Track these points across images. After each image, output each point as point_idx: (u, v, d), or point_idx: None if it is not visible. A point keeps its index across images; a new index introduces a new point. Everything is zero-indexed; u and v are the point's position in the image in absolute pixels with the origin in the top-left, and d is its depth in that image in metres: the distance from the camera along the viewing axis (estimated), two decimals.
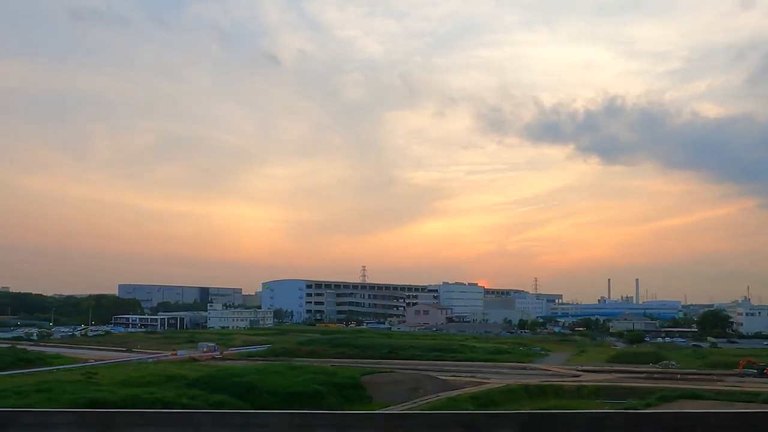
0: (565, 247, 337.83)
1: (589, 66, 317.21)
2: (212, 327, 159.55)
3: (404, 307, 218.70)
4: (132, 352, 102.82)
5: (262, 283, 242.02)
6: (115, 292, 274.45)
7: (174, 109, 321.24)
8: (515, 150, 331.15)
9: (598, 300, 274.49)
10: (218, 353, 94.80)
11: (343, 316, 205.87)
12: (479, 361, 76.57)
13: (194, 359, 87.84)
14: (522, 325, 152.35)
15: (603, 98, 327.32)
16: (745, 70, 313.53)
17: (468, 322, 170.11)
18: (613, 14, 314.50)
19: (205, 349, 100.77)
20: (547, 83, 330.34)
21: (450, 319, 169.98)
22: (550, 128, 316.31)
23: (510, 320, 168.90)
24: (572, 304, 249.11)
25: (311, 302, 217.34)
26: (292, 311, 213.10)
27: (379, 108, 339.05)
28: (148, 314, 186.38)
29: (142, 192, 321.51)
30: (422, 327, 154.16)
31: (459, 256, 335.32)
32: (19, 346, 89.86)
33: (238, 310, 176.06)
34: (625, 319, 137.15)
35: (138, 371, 57.61)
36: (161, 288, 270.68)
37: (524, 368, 69.01)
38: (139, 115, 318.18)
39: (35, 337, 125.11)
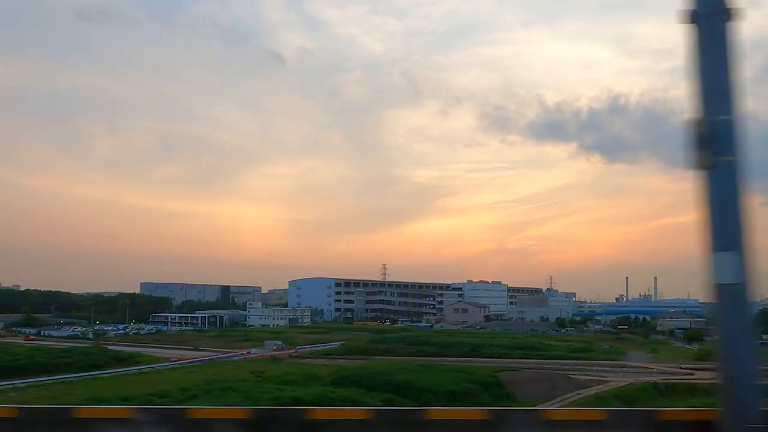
0: (566, 245, 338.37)
1: (592, 64, 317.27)
2: (252, 325, 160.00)
3: (433, 305, 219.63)
4: (200, 350, 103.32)
5: (289, 282, 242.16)
6: (132, 289, 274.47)
7: (174, 108, 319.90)
8: (517, 148, 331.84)
9: (616, 299, 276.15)
10: (294, 352, 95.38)
11: (373, 314, 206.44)
12: (567, 359, 77.10)
13: (275, 358, 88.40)
14: (561, 323, 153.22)
15: (607, 96, 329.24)
16: (749, 69, 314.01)
17: (506, 320, 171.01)
18: (616, 12, 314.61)
19: (274, 348, 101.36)
20: (550, 82, 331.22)
21: (488, 318, 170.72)
22: (554, 126, 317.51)
23: (547, 318, 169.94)
24: (596, 303, 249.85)
25: (340, 300, 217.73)
26: (322, 309, 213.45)
27: (379, 106, 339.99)
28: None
29: (142, 191, 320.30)
30: (462, 325, 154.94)
31: (459, 254, 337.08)
32: (101, 345, 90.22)
33: (277, 308, 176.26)
34: (671, 318, 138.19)
35: (263, 370, 58.26)
36: (184, 286, 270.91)
37: (623, 366, 69.77)
38: (140, 114, 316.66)
39: (90, 336, 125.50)
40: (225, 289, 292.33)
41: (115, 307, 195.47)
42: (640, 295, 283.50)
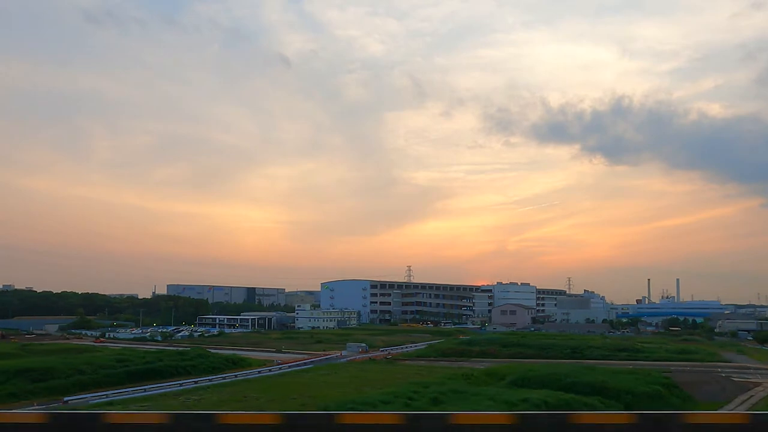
0: (566, 246, 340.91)
1: (594, 66, 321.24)
2: (301, 327, 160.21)
3: (470, 306, 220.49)
4: (283, 352, 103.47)
5: (321, 283, 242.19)
6: (158, 291, 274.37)
7: (175, 109, 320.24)
8: (519, 150, 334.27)
9: (637, 300, 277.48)
10: (388, 354, 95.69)
11: (409, 316, 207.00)
12: (671, 361, 77.77)
13: (373, 360, 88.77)
14: (613, 325, 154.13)
15: (610, 98, 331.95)
16: (754, 71, 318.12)
17: (552, 321, 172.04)
18: (616, 13, 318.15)
19: (360, 350, 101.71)
20: (553, 83, 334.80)
21: (534, 320, 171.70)
22: (557, 128, 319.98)
23: (593, 320, 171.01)
24: (625, 305, 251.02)
25: (376, 302, 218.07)
26: (358, 311, 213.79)
27: (379, 108, 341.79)
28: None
29: (143, 192, 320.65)
30: (512, 327, 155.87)
31: (459, 256, 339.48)
32: (200, 348, 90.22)
33: (326, 310, 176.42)
34: (727, 320, 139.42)
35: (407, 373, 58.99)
36: (212, 288, 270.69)
37: (746, 368, 70.63)
38: (141, 115, 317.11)
39: (159, 338, 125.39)
40: (251, 291, 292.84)
41: (153, 309, 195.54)
42: (663, 297, 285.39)
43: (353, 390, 52.20)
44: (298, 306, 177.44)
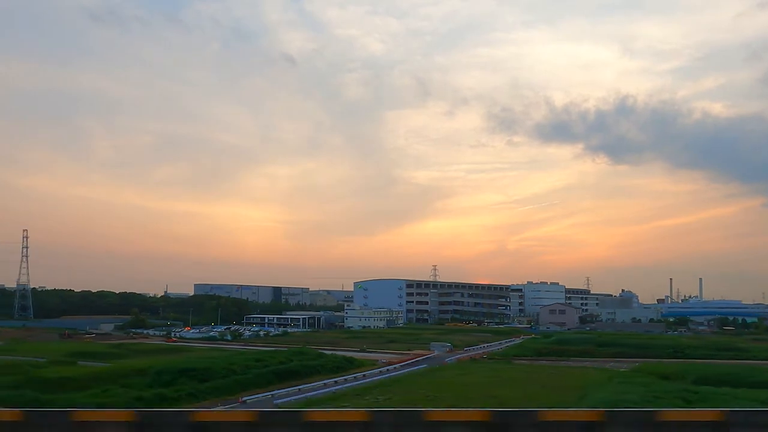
0: (566, 246, 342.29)
1: (597, 66, 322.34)
2: (351, 326, 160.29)
3: (508, 306, 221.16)
4: (367, 352, 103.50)
5: (354, 283, 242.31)
6: (185, 290, 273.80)
7: (175, 108, 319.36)
8: (521, 149, 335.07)
9: (658, 300, 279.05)
10: (483, 354, 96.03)
11: (447, 315, 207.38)
12: None
13: (474, 359, 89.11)
14: (670, 325, 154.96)
15: (615, 98, 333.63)
16: (759, 70, 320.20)
17: (600, 321, 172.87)
18: (620, 12, 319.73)
19: (447, 350, 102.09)
20: (553, 83, 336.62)
21: (582, 319, 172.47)
22: (561, 128, 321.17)
23: (639, 319, 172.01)
24: (651, 304, 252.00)
25: (412, 302, 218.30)
26: (402, 311, 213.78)
27: (379, 107, 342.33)
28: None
29: (143, 192, 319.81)
30: (562, 327, 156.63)
31: (459, 256, 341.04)
32: (308, 347, 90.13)
33: (376, 309, 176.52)
34: None
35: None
36: (239, 287, 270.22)
37: None
38: (140, 115, 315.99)
39: (229, 338, 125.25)
40: (276, 290, 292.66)
41: (190, 309, 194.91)
42: (685, 297, 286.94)
43: (520, 389, 52.65)
44: (347, 306, 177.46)
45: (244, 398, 51.38)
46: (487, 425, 4.76)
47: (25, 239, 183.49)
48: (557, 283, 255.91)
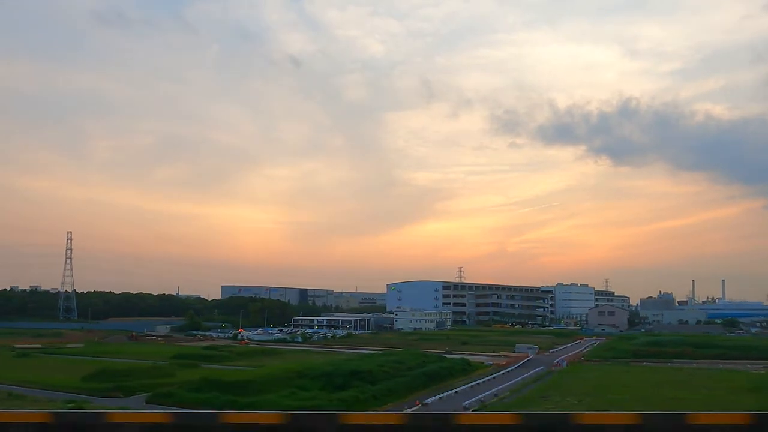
0: (566, 248, 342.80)
1: (599, 67, 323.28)
2: (401, 328, 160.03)
3: (546, 308, 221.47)
4: (452, 354, 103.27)
5: (387, 285, 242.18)
6: (211, 294, 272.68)
7: (175, 109, 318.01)
8: (523, 151, 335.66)
9: (679, 302, 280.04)
10: (581, 357, 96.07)
11: (485, 317, 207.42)
12: None
13: (579, 362, 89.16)
14: (729, 325, 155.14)
15: (618, 100, 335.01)
16: (763, 72, 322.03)
17: (648, 323, 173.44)
18: (623, 14, 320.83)
19: (537, 352, 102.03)
20: (555, 84, 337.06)
21: (631, 321, 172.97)
22: (563, 130, 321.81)
23: (686, 321, 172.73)
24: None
25: (449, 303, 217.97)
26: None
27: (379, 108, 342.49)
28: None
29: (143, 193, 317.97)
30: (612, 328, 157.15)
31: (459, 257, 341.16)
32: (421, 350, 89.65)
33: (427, 311, 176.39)
34: None
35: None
36: (268, 289, 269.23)
37: None
38: (140, 115, 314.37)
39: (299, 339, 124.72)
40: (303, 292, 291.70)
41: (232, 311, 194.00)
42: (708, 299, 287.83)
43: (687, 392, 52.75)
44: (397, 307, 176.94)
45: (426, 400, 51.07)
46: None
47: (69, 241, 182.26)
48: (586, 285, 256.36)
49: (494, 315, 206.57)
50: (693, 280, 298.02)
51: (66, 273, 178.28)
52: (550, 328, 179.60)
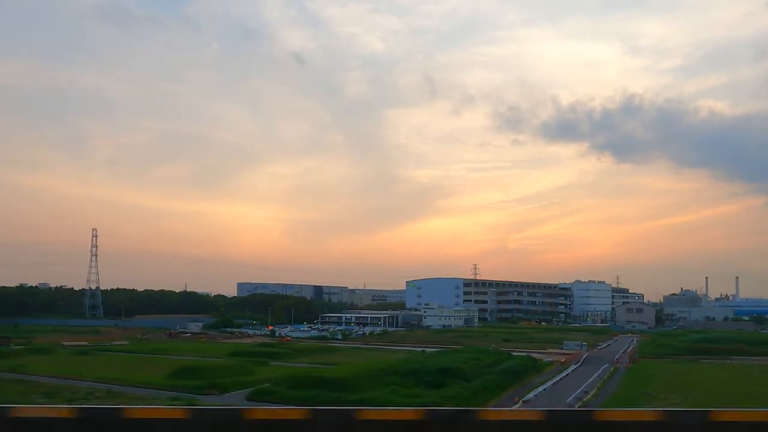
0: (568, 244, 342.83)
1: (601, 64, 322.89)
2: (430, 325, 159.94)
3: (567, 305, 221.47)
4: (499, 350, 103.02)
5: (407, 282, 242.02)
6: (226, 291, 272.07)
7: (176, 108, 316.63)
8: (526, 148, 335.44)
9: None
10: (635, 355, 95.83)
11: (507, 315, 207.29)
12: None
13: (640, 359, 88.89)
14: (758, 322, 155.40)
15: (621, 96, 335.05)
16: (766, 69, 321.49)
17: (675, 320, 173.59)
18: (627, 11, 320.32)
19: (584, 350, 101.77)
20: (557, 81, 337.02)
21: (658, 318, 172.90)
22: (566, 126, 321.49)
23: (713, 318, 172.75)
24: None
25: (470, 300, 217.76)
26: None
27: (380, 105, 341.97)
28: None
29: (142, 191, 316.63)
30: (641, 325, 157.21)
31: (460, 254, 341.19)
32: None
33: (456, 309, 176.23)
34: None
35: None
36: (284, 286, 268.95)
37: None
38: (142, 114, 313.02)
39: (339, 337, 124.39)
40: (318, 289, 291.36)
41: (254, 308, 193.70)
42: (721, 295, 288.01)
43: None
44: (426, 304, 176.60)
45: (525, 397, 50.77)
46: None
47: (94, 239, 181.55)
48: (603, 282, 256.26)
49: (516, 312, 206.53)
50: (706, 278, 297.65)
51: (91, 270, 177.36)
52: (576, 324, 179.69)
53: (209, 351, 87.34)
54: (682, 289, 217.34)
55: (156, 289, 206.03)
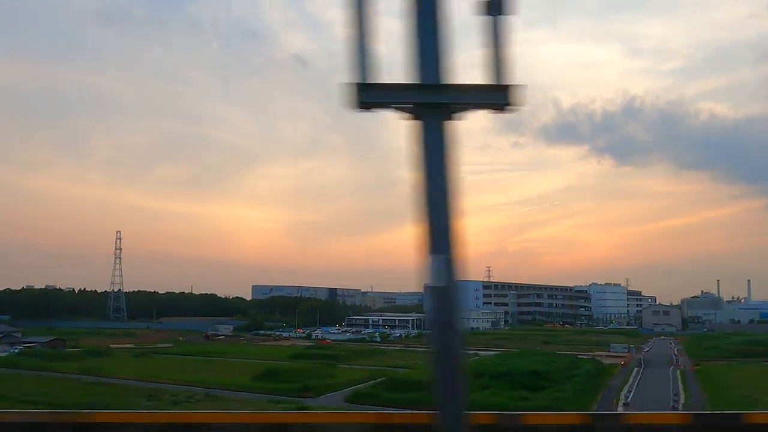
0: (567, 247, 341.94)
1: (601, 66, 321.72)
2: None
3: (588, 307, 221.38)
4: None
5: (424, 285, 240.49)
6: (241, 293, 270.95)
7: (175, 107, 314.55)
8: (525, 150, 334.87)
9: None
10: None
11: (528, 317, 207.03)
12: None
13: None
14: None
15: (622, 99, 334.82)
16: (764, 71, 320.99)
17: (701, 322, 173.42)
18: (630, 13, 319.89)
19: (629, 352, 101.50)
20: (557, 83, 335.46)
21: (685, 321, 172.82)
22: (567, 129, 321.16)
23: (738, 321, 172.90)
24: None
25: (490, 303, 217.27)
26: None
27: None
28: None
29: (142, 191, 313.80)
30: (669, 328, 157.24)
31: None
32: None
33: (484, 311, 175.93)
34: None
35: None
36: (299, 288, 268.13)
37: None
38: (141, 114, 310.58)
39: (378, 339, 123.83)
40: (332, 291, 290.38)
41: (273, 309, 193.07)
42: (732, 298, 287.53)
43: None
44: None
45: (626, 400, 50.46)
46: None
47: (118, 241, 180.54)
48: (619, 285, 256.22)
49: (538, 315, 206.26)
50: (718, 280, 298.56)
51: (115, 273, 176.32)
52: (601, 327, 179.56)
53: (265, 354, 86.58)
54: (702, 291, 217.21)
55: (176, 291, 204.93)
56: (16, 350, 79.29)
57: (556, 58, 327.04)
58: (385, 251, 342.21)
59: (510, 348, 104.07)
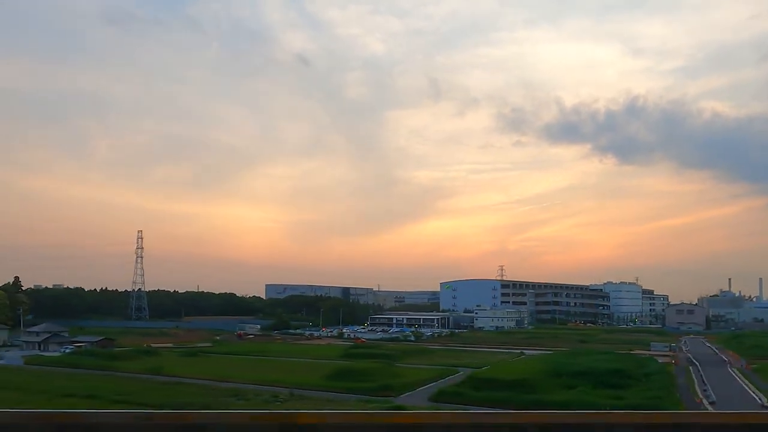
0: (568, 246, 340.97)
1: (603, 65, 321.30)
2: (482, 327, 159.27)
3: (607, 306, 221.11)
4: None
5: (441, 283, 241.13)
6: (255, 292, 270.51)
7: (174, 108, 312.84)
8: (527, 149, 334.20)
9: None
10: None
11: (546, 316, 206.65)
12: None
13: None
14: None
15: (624, 98, 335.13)
16: (765, 71, 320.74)
17: (725, 321, 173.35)
18: (625, 12, 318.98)
19: (670, 351, 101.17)
20: (559, 83, 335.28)
21: (708, 320, 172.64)
22: (569, 128, 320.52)
23: (762, 319, 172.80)
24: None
25: (508, 302, 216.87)
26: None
27: (380, 107, 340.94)
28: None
29: (142, 192, 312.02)
30: (692, 326, 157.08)
31: (460, 255, 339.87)
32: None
33: (508, 310, 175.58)
34: None
35: None
36: (312, 287, 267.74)
37: None
38: (141, 115, 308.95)
39: (412, 339, 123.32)
40: (345, 291, 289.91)
41: (290, 309, 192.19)
42: (743, 296, 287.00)
43: None
44: (477, 306, 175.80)
45: (711, 399, 50.05)
46: None
47: (139, 240, 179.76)
48: (634, 284, 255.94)
49: (557, 314, 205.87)
50: (730, 279, 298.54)
51: (137, 272, 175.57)
52: (625, 326, 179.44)
53: (314, 353, 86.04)
54: (720, 290, 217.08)
55: (196, 291, 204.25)
56: (67, 350, 78.72)
57: (557, 58, 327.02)
58: (385, 251, 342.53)
59: (549, 347, 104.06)
